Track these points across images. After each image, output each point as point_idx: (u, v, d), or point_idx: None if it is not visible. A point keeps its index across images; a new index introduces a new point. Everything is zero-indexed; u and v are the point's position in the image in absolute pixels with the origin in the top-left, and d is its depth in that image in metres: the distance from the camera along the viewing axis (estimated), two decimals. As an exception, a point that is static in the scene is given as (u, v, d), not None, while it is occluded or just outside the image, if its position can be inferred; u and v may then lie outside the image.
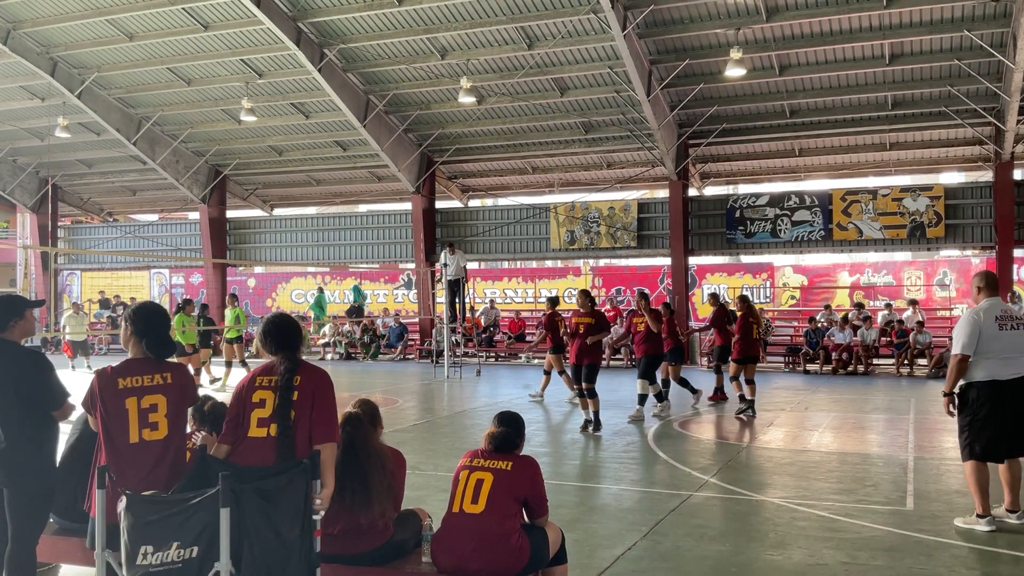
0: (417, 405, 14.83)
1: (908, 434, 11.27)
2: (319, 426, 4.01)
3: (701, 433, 11.77)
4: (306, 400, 4.01)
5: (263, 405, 4.02)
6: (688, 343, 23.06)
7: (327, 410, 4.06)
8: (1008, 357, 6.52)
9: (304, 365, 4.13)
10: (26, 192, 30.59)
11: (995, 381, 6.49)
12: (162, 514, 3.63)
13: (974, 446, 6.56)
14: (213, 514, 3.59)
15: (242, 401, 4.08)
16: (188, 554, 3.62)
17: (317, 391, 4.06)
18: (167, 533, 3.61)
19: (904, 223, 21.87)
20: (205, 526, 3.62)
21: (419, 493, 7.38)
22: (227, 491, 3.57)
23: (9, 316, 4.75)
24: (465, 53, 20.28)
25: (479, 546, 4.18)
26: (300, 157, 26.90)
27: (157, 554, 3.61)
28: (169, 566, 3.62)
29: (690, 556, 6.00)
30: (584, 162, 25.62)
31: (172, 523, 3.62)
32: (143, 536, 3.62)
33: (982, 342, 6.51)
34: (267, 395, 4.03)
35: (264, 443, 3.96)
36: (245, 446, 4.00)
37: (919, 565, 5.76)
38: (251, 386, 4.09)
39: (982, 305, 6.67)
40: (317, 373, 4.13)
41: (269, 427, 3.97)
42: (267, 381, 4.06)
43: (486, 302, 26.54)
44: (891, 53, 18.88)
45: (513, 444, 4.58)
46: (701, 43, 19.23)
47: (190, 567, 3.63)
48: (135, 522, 3.62)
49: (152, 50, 21.51)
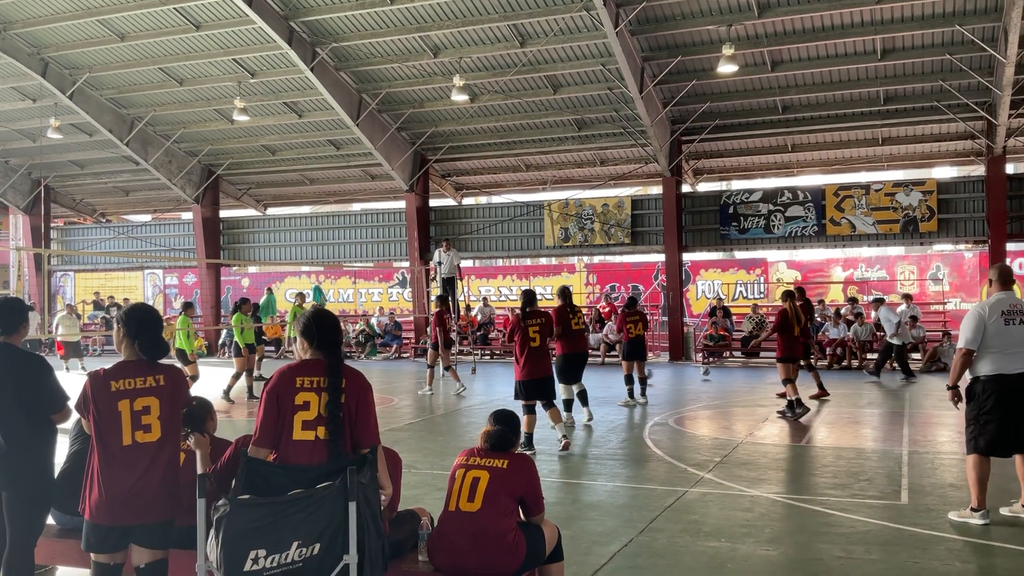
0: (412, 404, 14.83)
1: (902, 428, 11.31)
2: (364, 429, 3.98)
3: (696, 429, 11.79)
4: (352, 403, 3.96)
5: (307, 408, 3.88)
6: (682, 339, 23.14)
7: (371, 413, 4.03)
8: (1014, 352, 6.51)
9: (346, 367, 4.04)
10: (19, 193, 30.50)
11: (1001, 375, 6.50)
12: (278, 515, 3.54)
13: (978, 440, 6.57)
14: (340, 507, 3.59)
15: (281, 404, 3.91)
16: (309, 552, 3.58)
17: (362, 394, 4.02)
18: (285, 534, 3.54)
19: (897, 218, 21.93)
20: (330, 521, 3.60)
21: (415, 492, 7.39)
22: (355, 485, 3.58)
23: (19, 318, 4.80)
24: (457, 51, 20.27)
25: (475, 544, 4.19)
26: (293, 156, 26.86)
27: (272, 556, 3.52)
28: (288, 567, 3.56)
29: (685, 552, 6.02)
30: (577, 159, 25.63)
31: (292, 522, 3.55)
32: (252, 541, 3.52)
33: (987, 336, 6.52)
34: (311, 397, 3.90)
35: (313, 446, 3.86)
36: (290, 451, 3.88)
37: (914, 559, 5.79)
38: (292, 387, 3.93)
39: (990, 300, 6.67)
40: (359, 376, 4.08)
41: (316, 430, 3.86)
42: (310, 383, 3.93)
43: (480, 300, 26.54)
44: (883, 48, 18.93)
45: (509, 443, 4.59)
46: (693, 39, 19.25)
47: (310, 564, 3.59)
48: (242, 527, 3.52)
49: (144, 50, 21.45)
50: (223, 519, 3.52)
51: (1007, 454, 6.62)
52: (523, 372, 9.82)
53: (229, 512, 3.53)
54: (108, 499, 4.07)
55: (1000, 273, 6.80)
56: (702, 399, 14.81)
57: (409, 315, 26.88)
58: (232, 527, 3.52)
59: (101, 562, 4.18)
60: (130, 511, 4.07)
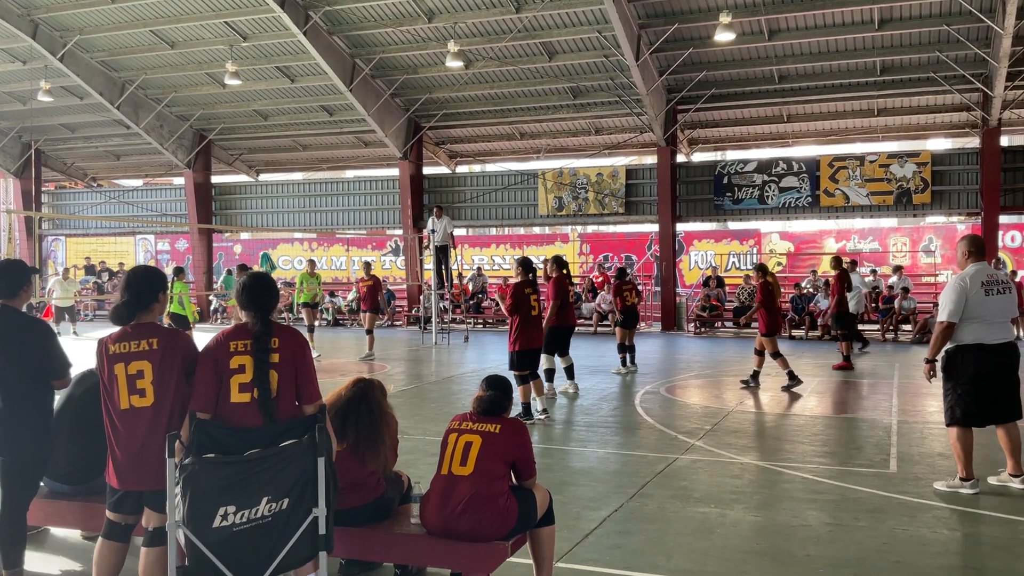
0: (405, 371, 14.86)
1: (892, 398, 11.38)
2: (303, 385, 4.04)
3: (688, 398, 11.85)
4: (288, 362, 4.01)
5: (243, 371, 3.95)
6: (676, 310, 23.22)
7: (309, 370, 4.08)
8: (994, 322, 6.53)
9: (278, 327, 4.09)
10: (9, 157, 30.27)
11: (981, 345, 6.50)
12: (247, 472, 3.63)
13: (955, 410, 6.59)
14: (310, 463, 3.71)
15: (218, 367, 3.98)
16: (279, 506, 3.68)
17: (298, 351, 4.06)
18: (255, 490, 3.63)
19: (891, 189, 21.93)
20: (299, 476, 3.68)
21: (408, 457, 7.41)
22: (324, 441, 3.69)
23: (21, 282, 4.74)
24: (452, 16, 20.08)
25: (467, 507, 4.22)
26: (285, 122, 26.67)
27: (241, 512, 3.62)
28: (258, 521, 3.65)
29: (675, 518, 6.07)
30: (572, 128, 25.50)
31: (260, 479, 3.64)
32: (222, 497, 3.60)
33: (968, 307, 6.50)
34: (245, 360, 3.96)
35: (248, 408, 3.93)
36: (228, 412, 3.94)
37: (902, 526, 5.85)
38: (226, 351, 3.99)
39: (968, 271, 6.63)
40: (293, 334, 4.11)
41: (252, 391, 3.93)
42: (243, 346, 3.99)
43: (474, 269, 26.53)
44: (880, 18, 18.81)
45: (501, 407, 4.60)
46: (690, 7, 19.10)
47: (279, 518, 3.68)
48: (209, 486, 3.59)
49: (135, 12, 21.19)
50: (190, 478, 3.60)
51: (982, 424, 6.64)
52: (520, 342, 9.70)
53: (197, 470, 3.59)
54: (116, 463, 4.13)
55: (975, 243, 6.75)
56: (693, 368, 14.87)
57: (402, 283, 26.86)
58: (200, 485, 3.59)
59: (113, 520, 4.26)
60: (137, 475, 4.09)
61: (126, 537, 4.28)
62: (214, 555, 3.62)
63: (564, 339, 11.36)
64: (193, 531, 3.62)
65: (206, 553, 3.63)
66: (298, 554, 3.78)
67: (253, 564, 3.69)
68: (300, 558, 3.80)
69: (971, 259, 6.70)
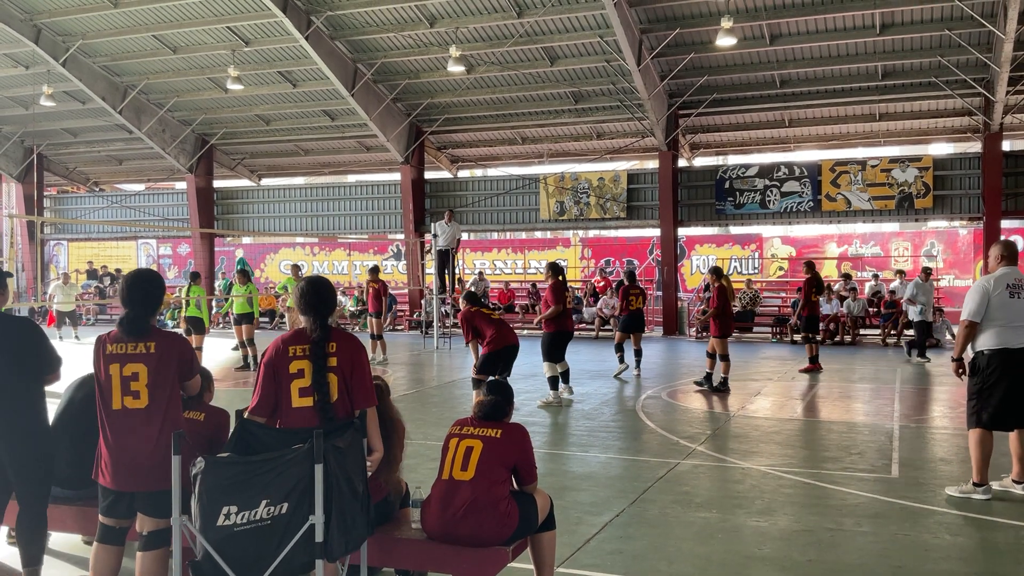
0: (406, 375, 14.86)
1: (894, 403, 11.36)
2: (357, 390, 4.06)
3: (689, 402, 11.84)
4: (345, 365, 4.05)
5: (302, 375, 4.01)
6: (678, 314, 23.20)
7: (365, 375, 4.10)
8: (1019, 326, 6.50)
9: (336, 332, 4.13)
10: (11, 161, 30.30)
11: (1006, 350, 6.49)
12: (250, 474, 3.63)
13: (981, 414, 6.57)
14: (307, 470, 3.67)
15: (277, 374, 4.04)
16: (278, 510, 3.67)
17: (355, 356, 4.09)
18: (256, 491, 3.63)
19: (892, 194, 21.92)
20: (297, 482, 3.67)
21: (409, 462, 7.36)
22: (320, 448, 3.66)
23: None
24: (454, 21, 20.10)
25: (468, 512, 4.21)
26: (287, 127, 26.70)
27: (243, 513, 3.63)
28: (257, 523, 3.65)
29: (676, 523, 6.06)
30: (574, 132, 25.51)
31: (262, 481, 3.64)
32: (225, 497, 3.61)
33: (991, 309, 6.51)
34: (304, 364, 4.02)
35: (310, 412, 3.99)
36: (291, 418, 4.02)
37: (904, 531, 5.83)
38: (285, 357, 4.05)
39: (995, 273, 6.66)
40: (351, 339, 4.15)
41: (313, 395, 3.99)
42: (302, 351, 4.04)
43: (475, 273, 26.52)
44: (882, 23, 18.82)
45: (503, 412, 4.60)
46: (692, 12, 19.11)
47: (279, 522, 3.68)
48: (215, 484, 3.61)
49: (137, 17, 21.22)
50: (199, 475, 3.61)
51: (1010, 428, 6.61)
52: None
53: (204, 469, 3.61)
54: (108, 463, 4.14)
55: (1006, 247, 6.79)
56: (695, 373, 14.84)
57: (404, 287, 26.85)
58: (207, 483, 3.61)
59: (107, 524, 4.26)
60: (129, 477, 4.11)
61: (121, 540, 4.30)
62: (217, 553, 3.63)
63: (561, 345, 11.50)
64: (199, 528, 3.64)
65: (209, 550, 3.64)
66: (295, 560, 3.75)
67: (253, 565, 3.69)
68: (298, 565, 3.78)
69: (1003, 263, 6.71)
